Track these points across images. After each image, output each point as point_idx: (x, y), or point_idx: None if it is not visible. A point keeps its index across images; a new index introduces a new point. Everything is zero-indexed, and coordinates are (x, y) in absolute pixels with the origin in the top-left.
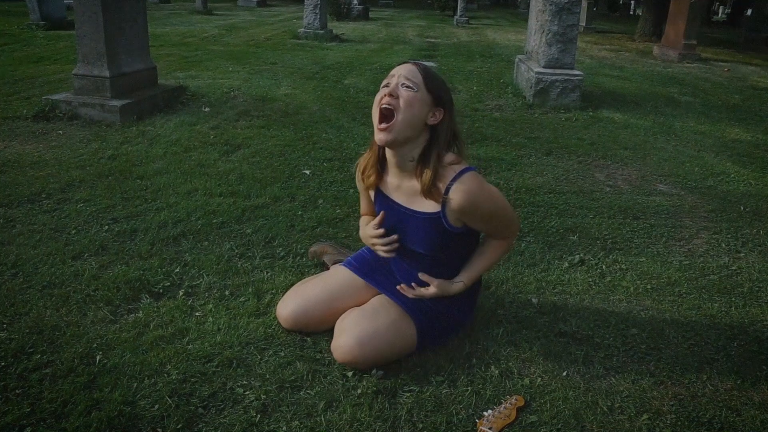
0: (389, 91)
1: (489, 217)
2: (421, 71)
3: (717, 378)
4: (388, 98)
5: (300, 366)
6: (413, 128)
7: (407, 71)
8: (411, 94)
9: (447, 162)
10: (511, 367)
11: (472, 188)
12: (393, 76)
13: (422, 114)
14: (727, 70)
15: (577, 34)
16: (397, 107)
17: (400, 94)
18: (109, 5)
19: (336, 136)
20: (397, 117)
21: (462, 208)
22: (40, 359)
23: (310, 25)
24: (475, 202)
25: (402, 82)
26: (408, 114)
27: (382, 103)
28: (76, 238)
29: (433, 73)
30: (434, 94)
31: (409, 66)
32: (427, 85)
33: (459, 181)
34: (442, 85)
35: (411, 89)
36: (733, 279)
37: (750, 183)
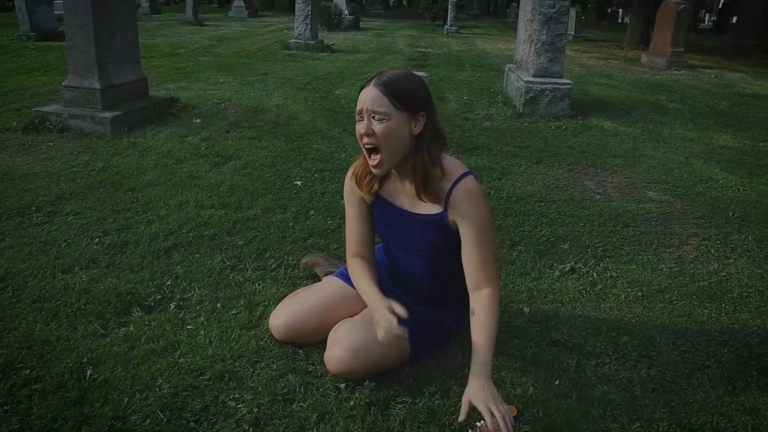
0: (363, 130)
1: (480, 227)
2: (386, 92)
3: (708, 384)
4: (366, 138)
5: (292, 378)
6: (401, 151)
7: (372, 101)
8: (384, 126)
9: (448, 164)
10: (504, 377)
11: (472, 188)
12: (362, 108)
13: (404, 134)
14: (714, 76)
15: (565, 44)
16: (376, 143)
17: (375, 130)
18: (100, 16)
19: (327, 147)
20: (381, 152)
21: (462, 203)
22: (29, 374)
23: (301, 36)
24: (476, 202)
25: (371, 115)
26: (389, 145)
27: (363, 142)
28: (67, 252)
29: (400, 85)
30: (409, 108)
31: (372, 92)
32: (396, 105)
33: (462, 182)
34: (414, 91)
35: (383, 120)
36: (723, 285)
37: (738, 189)
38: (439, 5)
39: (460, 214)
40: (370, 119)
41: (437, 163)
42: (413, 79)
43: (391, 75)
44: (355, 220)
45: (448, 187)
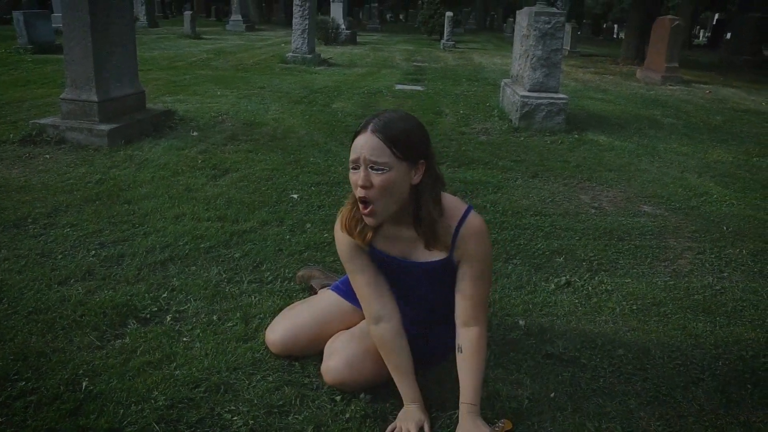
0: (361, 182)
1: (483, 263)
2: (386, 140)
3: (703, 397)
4: (361, 190)
5: (288, 391)
6: (399, 201)
7: (371, 150)
8: (384, 178)
9: (446, 202)
10: (499, 389)
11: (479, 226)
12: (358, 157)
13: (403, 184)
14: (708, 92)
15: (561, 59)
16: (372, 196)
17: (372, 182)
18: (98, 30)
19: (324, 161)
20: (375, 204)
21: (469, 240)
22: (24, 386)
23: (298, 50)
24: (483, 239)
25: (370, 165)
26: (386, 198)
27: (357, 193)
28: (63, 264)
29: (400, 132)
30: (410, 157)
31: (371, 140)
32: (397, 154)
33: (465, 224)
34: (416, 137)
35: (382, 171)
36: (717, 298)
37: (732, 203)
38: (435, 20)
39: (465, 253)
40: (368, 170)
41: (442, 211)
42: (413, 124)
43: (388, 119)
44: (362, 275)
45: (453, 227)
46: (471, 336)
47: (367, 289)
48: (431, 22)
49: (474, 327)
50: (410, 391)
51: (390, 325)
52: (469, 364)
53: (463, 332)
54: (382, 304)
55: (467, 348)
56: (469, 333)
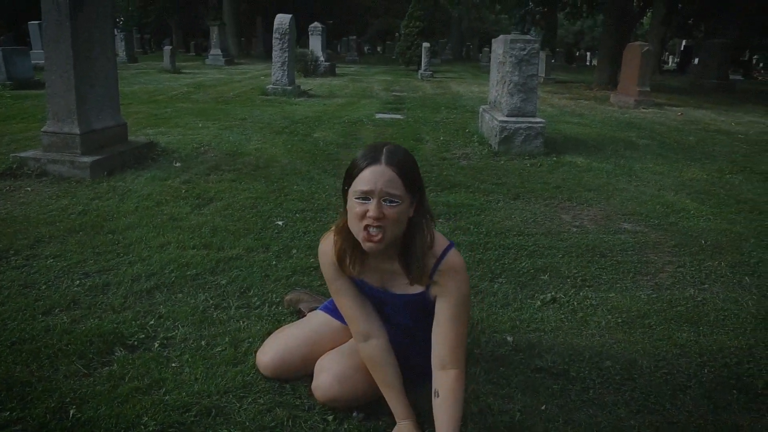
0: (373, 214)
1: (461, 302)
2: (400, 173)
3: (691, 404)
4: (373, 221)
5: (280, 412)
6: (400, 232)
7: (387, 182)
8: (396, 210)
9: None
10: (491, 404)
11: (459, 263)
12: (373, 189)
13: (406, 216)
14: (680, 114)
15: (537, 84)
16: (385, 226)
17: (385, 214)
18: (80, 63)
19: (307, 188)
20: (385, 233)
21: (448, 277)
22: (9, 416)
23: (278, 82)
24: (461, 277)
25: (384, 197)
26: (397, 229)
27: (365, 223)
28: (47, 294)
29: (408, 166)
30: (413, 189)
31: (387, 173)
32: (407, 187)
33: (445, 260)
34: (416, 171)
35: (395, 203)
36: (700, 309)
37: (709, 218)
38: (412, 51)
39: (441, 290)
40: (381, 202)
41: (432, 245)
42: (411, 156)
43: (395, 152)
44: (347, 296)
45: (432, 264)
46: (448, 379)
47: (353, 309)
48: (408, 53)
49: (451, 370)
50: (401, 406)
51: (378, 342)
52: (446, 408)
53: (439, 375)
54: (370, 323)
55: (444, 392)
56: (445, 376)
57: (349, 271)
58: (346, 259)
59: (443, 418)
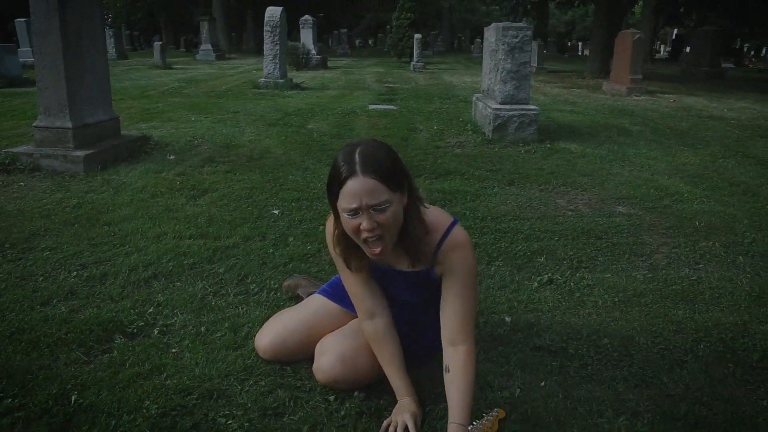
0: (366, 227)
1: (468, 276)
2: (381, 179)
3: (688, 377)
4: (369, 233)
5: (281, 394)
6: (399, 228)
7: (370, 194)
8: (387, 215)
9: (431, 216)
10: (491, 381)
11: (463, 238)
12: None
13: (401, 212)
14: (673, 101)
15: (530, 71)
16: (383, 233)
17: (379, 222)
18: (71, 56)
19: (302, 178)
20: (385, 240)
21: (452, 252)
22: (11, 403)
23: (270, 75)
24: (466, 250)
25: (372, 208)
26: (394, 227)
27: (363, 235)
28: (44, 285)
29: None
30: (399, 187)
31: (366, 183)
32: (391, 187)
33: (449, 237)
34: (398, 165)
35: (384, 208)
36: (695, 288)
37: (703, 201)
38: (404, 43)
39: (447, 266)
40: (370, 213)
41: (427, 228)
42: (389, 151)
43: (369, 154)
44: (354, 275)
45: (436, 242)
46: (458, 355)
47: (359, 287)
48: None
49: (461, 345)
50: (403, 384)
51: (382, 320)
52: (457, 384)
53: (449, 351)
54: (375, 301)
55: (455, 367)
56: (456, 352)
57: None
58: (352, 264)
59: (454, 393)
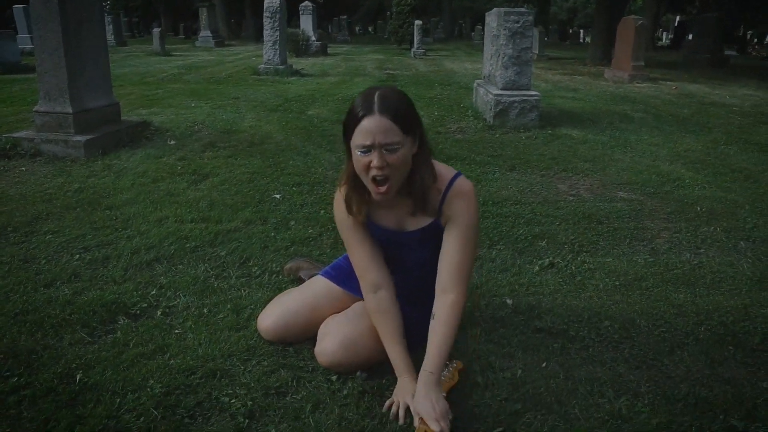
0: (377, 164)
1: (469, 226)
2: (395, 119)
3: (689, 359)
4: (378, 170)
5: (284, 373)
6: (405, 174)
7: (384, 132)
8: (398, 155)
9: (438, 170)
10: (492, 362)
11: (467, 187)
12: (372, 142)
13: (409, 157)
14: (675, 88)
15: (531, 57)
16: (389, 174)
17: (388, 161)
18: (70, 40)
19: (303, 162)
20: (392, 181)
21: (456, 200)
22: (17, 382)
23: (270, 61)
24: (469, 200)
25: (384, 147)
26: (402, 171)
27: (372, 173)
28: (47, 268)
29: (402, 108)
30: (411, 130)
31: (382, 123)
32: (404, 130)
33: (453, 187)
34: (412, 110)
35: (395, 149)
36: (696, 272)
37: (704, 186)
38: (405, 29)
39: (451, 215)
40: (382, 151)
41: (435, 177)
42: (405, 97)
43: (387, 96)
44: (361, 246)
45: (441, 191)
46: (446, 303)
47: (365, 259)
48: (401, 32)
49: (450, 294)
50: (403, 360)
51: (388, 293)
52: (437, 331)
53: (439, 299)
54: (381, 274)
55: (439, 315)
56: (444, 299)
57: (357, 216)
58: (353, 206)
59: (434, 340)
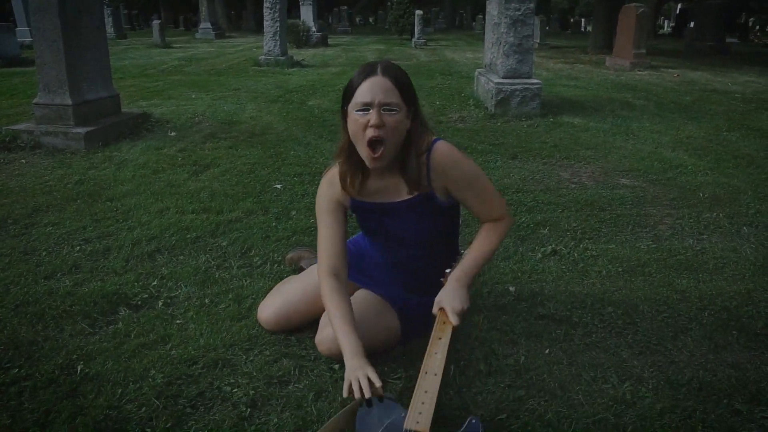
0: (374, 122)
1: (473, 179)
2: (396, 83)
3: (692, 344)
4: (374, 130)
5: (286, 362)
6: (399, 145)
7: (385, 91)
8: (395, 118)
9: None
10: (495, 349)
11: (446, 150)
12: (372, 100)
13: (405, 127)
14: (676, 75)
15: (532, 45)
16: (385, 136)
17: (385, 122)
18: (69, 32)
19: (304, 153)
20: (387, 145)
21: (444, 169)
22: (18, 373)
23: (270, 52)
24: (455, 161)
25: (383, 107)
26: (396, 138)
27: (368, 134)
28: (47, 260)
29: (402, 76)
30: (409, 101)
31: (384, 83)
32: (403, 96)
33: (433, 155)
34: (410, 83)
35: (394, 112)
36: (699, 258)
37: (707, 173)
38: (405, 19)
39: (446, 181)
40: (380, 111)
41: (423, 153)
42: (405, 73)
43: (389, 65)
44: (331, 230)
45: (424, 164)
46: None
47: (333, 245)
48: (401, 22)
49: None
50: (354, 342)
51: (343, 280)
52: (477, 243)
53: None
54: (342, 264)
55: (482, 229)
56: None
57: (350, 191)
58: (347, 179)
59: (473, 248)
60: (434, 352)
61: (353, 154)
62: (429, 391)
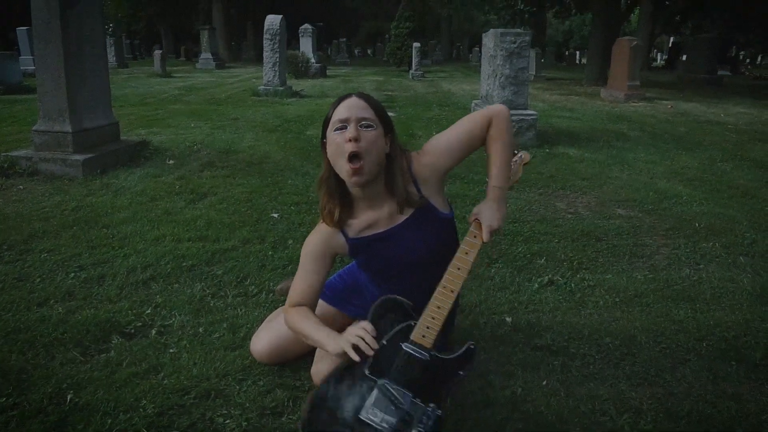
0: (352, 136)
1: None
2: (370, 104)
3: (691, 376)
4: (353, 144)
5: (280, 393)
6: (379, 164)
7: (360, 109)
8: (372, 133)
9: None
10: (492, 380)
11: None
12: (348, 116)
13: (382, 147)
14: (670, 106)
15: (528, 77)
16: (363, 150)
17: (362, 137)
18: (71, 62)
19: (302, 182)
20: (365, 159)
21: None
22: (5, 402)
23: (269, 83)
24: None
25: (360, 122)
26: (374, 153)
27: (347, 148)
28: (41, 286)
29: (376, 103)
30: (385, 122)
31: (358, 102)
32: (378, 115)
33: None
34: (383, 108)
35: (371, 127)
36: (696, 288)
37: (702, 203)
38: (403, 51)
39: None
40: (357, 127)
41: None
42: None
43: (365, 94)
44: (311, 275)
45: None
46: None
47: (308, 290)
48: (399, 54)
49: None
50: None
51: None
52: (492, 149)
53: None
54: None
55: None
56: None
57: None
58: (331, 210)
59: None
60: (457, 267)
61: (335, 185)
62: (442, 306)
